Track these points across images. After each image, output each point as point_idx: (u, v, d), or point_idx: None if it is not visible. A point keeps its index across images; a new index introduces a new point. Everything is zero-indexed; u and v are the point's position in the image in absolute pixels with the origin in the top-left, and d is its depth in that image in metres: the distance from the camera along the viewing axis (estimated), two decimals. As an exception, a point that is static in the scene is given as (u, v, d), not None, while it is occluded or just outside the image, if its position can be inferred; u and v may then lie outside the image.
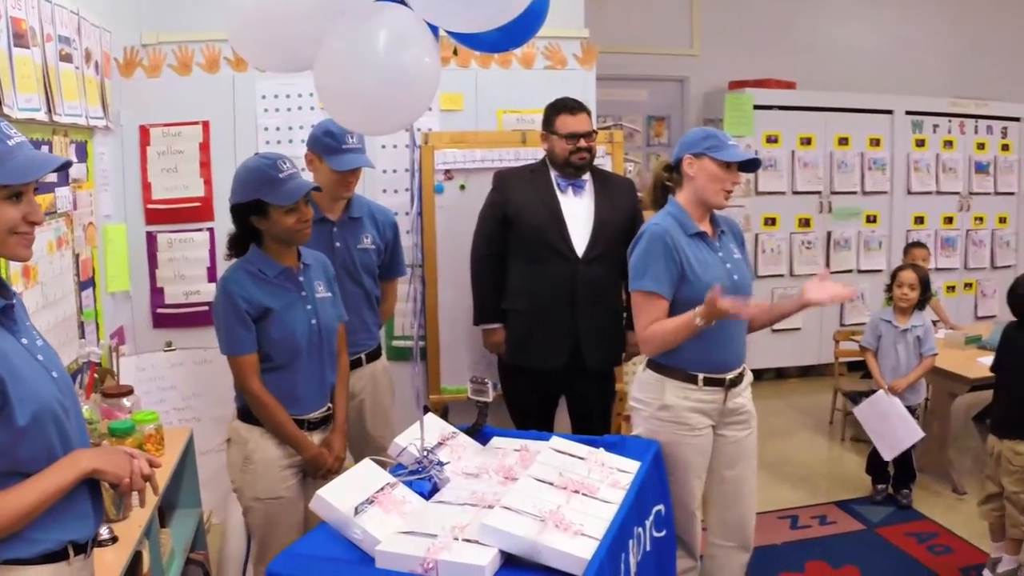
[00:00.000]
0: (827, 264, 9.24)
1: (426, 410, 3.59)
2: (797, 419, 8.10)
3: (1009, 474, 4.84)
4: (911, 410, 6.14)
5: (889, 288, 6.38)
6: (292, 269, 3.80)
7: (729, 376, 3.99)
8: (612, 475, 3.33)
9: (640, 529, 3.34)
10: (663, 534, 3.64)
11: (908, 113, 9.55)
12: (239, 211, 3.72)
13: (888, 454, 6.13)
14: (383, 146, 5.60)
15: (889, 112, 9.47)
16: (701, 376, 3.93)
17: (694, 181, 3.94)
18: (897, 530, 5.86)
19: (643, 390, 4.05)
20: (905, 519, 6.03)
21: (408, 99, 3.01)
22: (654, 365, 4.02)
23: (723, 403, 4.00)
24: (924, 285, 6.18)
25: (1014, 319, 5.08)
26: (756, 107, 8.73)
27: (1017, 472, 4.76)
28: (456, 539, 2.77)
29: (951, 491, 6.50)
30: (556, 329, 4.89)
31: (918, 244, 8.03)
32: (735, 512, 4.19)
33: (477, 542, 2.75)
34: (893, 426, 6.07)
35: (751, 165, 3.96)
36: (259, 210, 3.66)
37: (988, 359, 6.46)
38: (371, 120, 3.12)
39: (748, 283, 4.07)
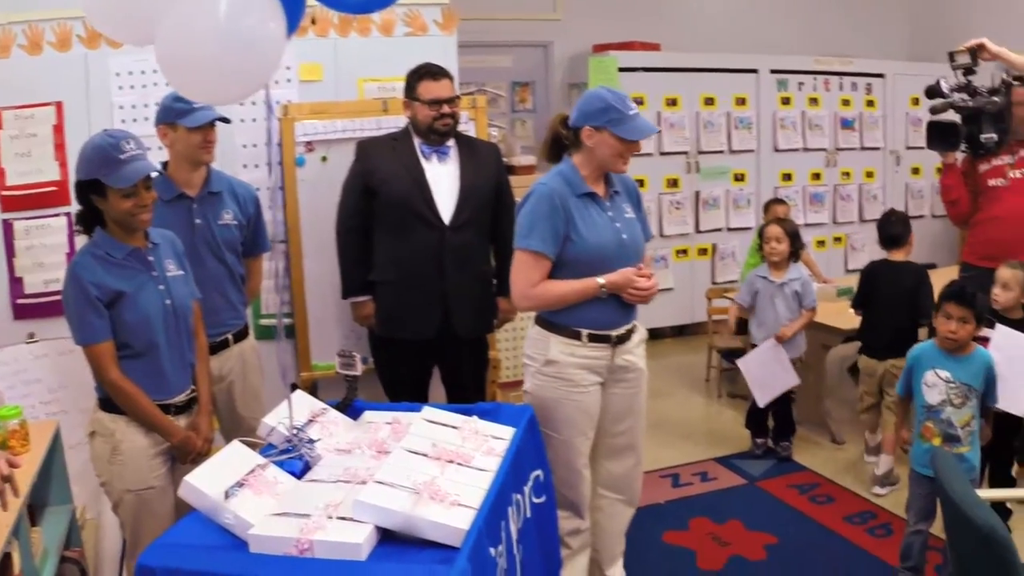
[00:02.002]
0: (696, 223, 9.30)
1: (293, 388, 3.51)
2: (674, 379, 8.14)
3: (893, 386, 5.07)
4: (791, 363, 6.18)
5: (760, 247, 6.40)
6: (140, 249, 3.65)
7: (615, 333, 3.98)
8: (487, 443, 3.27)
9: (519, 496, 3.29)
10: (543, 500, 3.60)
11: (773, 72, 9.65)
12: (80, 189, 3.57)
13: (764, 400, 6.18)
14: (242, 120, 5.44)
15: (754, 71, 9.55)
16: (586, 332, 3.92)
17: (592, 151, 3.90)
18: (778, 483, 5.92)
19: (531, 346, 4.06)
20: (786, 471, 6.10)
21: (252, 65, 2.90)
22: (541, 321, 4.02)
23: (611, 360, 3.99)
24: (793, 237, 6.21)
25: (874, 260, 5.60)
26: (621, 70, 8.69)
27: None
28: (330, 517, 2.69)
29: (830, 441, 6.60)
30: (425, 298, 4.81)
31: (778, 200, 8.13)
32: (622, 466, 4.22)
33: (352, 519, 2.68)
34: (773, 373, 6.10)
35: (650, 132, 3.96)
36: (98, 190, 3.51)
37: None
38: (215, 89, 2.99)
39: (638, 244, 4.05)
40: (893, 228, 6.09)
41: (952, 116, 5.53)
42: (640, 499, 4.38)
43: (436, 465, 2.99)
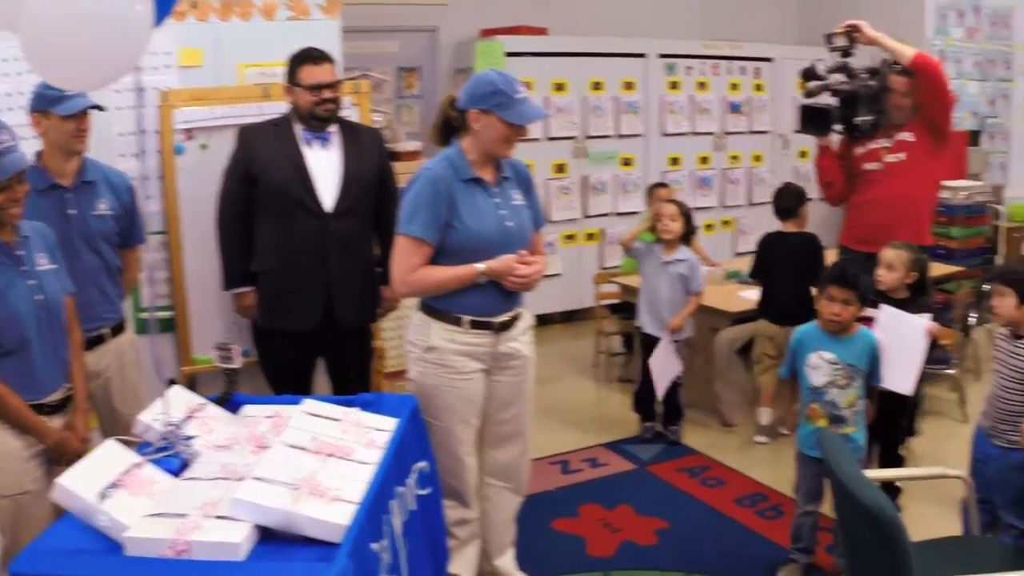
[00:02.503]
0: (584, 208, 9.29)
1: (171, 383, 3.41)
2: (563, 364, 8.12)
3: None
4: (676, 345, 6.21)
5: (653, 229, 6.39)
6: (8, 244, 3.51)
7: (498, 320, 3.95)
8: (368, 435, 3.21)
9: (402, 488, 3.25)
10: (428, 491, 3.55)
11: (661, 56, 9.66)
12: None
13: (663, 392, 6.21)
14: (119, 107, 5.27)
15: (642, 56, 9.55)
16: (467, 319, 3.90)
17: (479, 134, 3.84)
18: (669, 467, 5.94)
19: (413, 332, 4.03)
20: (676, 455, 6.13)
21: (117, 49, 2.81)
22: (423, 307, 3.99)
23: (494, 347, 3.96)
24: (687, 218, 6.23)
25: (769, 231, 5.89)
26: (508, 55, 8.61)
27: None
28: (208, 517, 2.62)
29: (719, 424, 6.63)
30: (307, 288, 4.73)
31: (661, 184, 8.16)
32: (508, 454, 4.20)
33: (230, 518, 2.60)
34: (666, 364, 6.12)
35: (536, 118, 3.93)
36: None
37: (748, 293, 6.63)
38: (79, 75, 2.90)
39: (525, 231, 4.01)
40: (786, 201, 6.36)
41: (829, 99, 5.57)
42: (529, 487, 4.36)
43: (316, 459, 2.93)
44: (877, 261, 5.10)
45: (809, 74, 5.62)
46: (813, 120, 5.63)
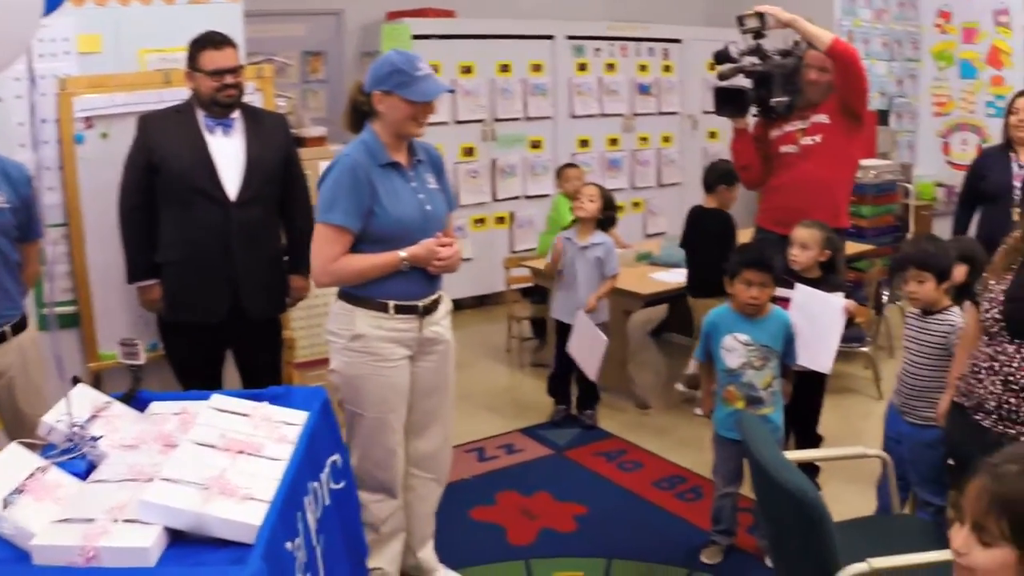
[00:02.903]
0: (493, 192, 9.22)
1: (75, 381, 3.30)
2: (476, 350, 8.05)
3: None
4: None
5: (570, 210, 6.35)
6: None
7: (422, 303, 3.90)
8: (279, 430, 3.12)
9: (316, 484, 3.17)
10: (342, 485, 3.47)
11: (569, 38, 9.62)
12: None
13: (594, 374, 6.16)
14: (18, 96, 5.12)
15: (550, 37, 9.50)
16: (392, 304, 3.83)
17: (385, 116, 3.78)
18: (585, 451, 5.92)
19: (335, 321, 3.94)
20: (592, 439, 6.11)
21: (4, 35, 2.70)
22: (344, 295, 3.91)
23: (419, 332, 3.91)
24: (608, 203, 6.20)
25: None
26: (415, 37, 8.51)
27: None
28: (116, 521, 2.52)
29: (635, 407, 6.62)
30: (213, 280, 4.61)
31: (571, 165, 8.12)
32: (431, 443, 4.14)
33: (139, 521, 2.51)
34: (590, 344, 6.08)
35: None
36: None
37: (660, 274, 6.64)
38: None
39: (441, 214, 3.97)
40: (709, 176, 6.49)
41: (742, 81, 5.57)
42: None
43: (225, 457, 2.84)
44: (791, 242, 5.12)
45: (722, 57, 5.61)
46: (728, 102, 5.62)
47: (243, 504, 2.58)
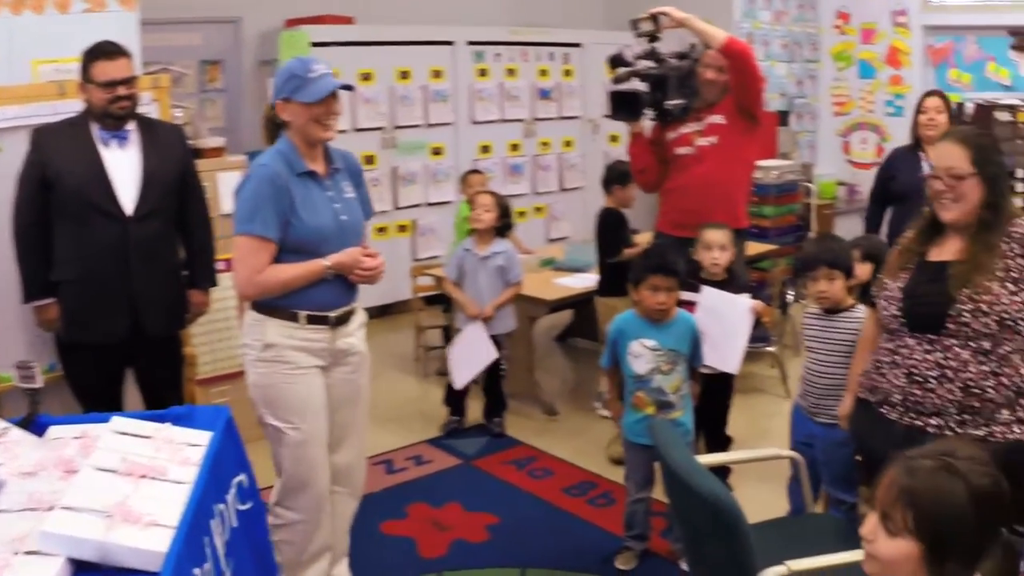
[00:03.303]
0: (394, 200, 9.12)
1: (-33, 406, 3.18)
2: (382, 360, 7.88)
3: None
4: (497, 338, 6.12)
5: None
6: None
7: (334, 314, 3.85)
8: (182, 452, 3.01)
9: (222, 506, 3.06)
10: (249, 506, 3.37)
11: (470, 43, 9.56)
12: None
13: (461, 382, 6.13)
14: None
15: (450, 43, 9.44)
16: (303, 314, 3.77)
17: (292, 124, 3.76)
18: (494, 460, 5.88)
19: (248, 332, 3.87)
20: (501, 448, 6.06)
21: None
22: (257, 305, 3.83)
23: (331, 343, 3.86)
24: (504, 211, 6.15)
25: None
26: (313, 45, 8.38)
27: None
28: (16, 553, 2.40)
29: (543, 413, 6.58)
30: (111, 297, 4.50)
31: (474, 171, 8.09)
32: (346, 457, 4.07)
33: (41, 553, 2.40)
34: (475, 353, 6.03)
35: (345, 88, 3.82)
36: None
37: (565, 280, 6.62)
38: None
39: (358, 224, 3.95)
40: (606, 174, 6.52)
41: (638, 85, 5.55)
42: (360, 489, 4.25)
43: (128, 482, 2.73)
44: (694, 245, 5.12)
45: (617, 61, 5.59)
46: (623, 106, 5.59)
47: (148, 531, 2.49)
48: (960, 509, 2.02)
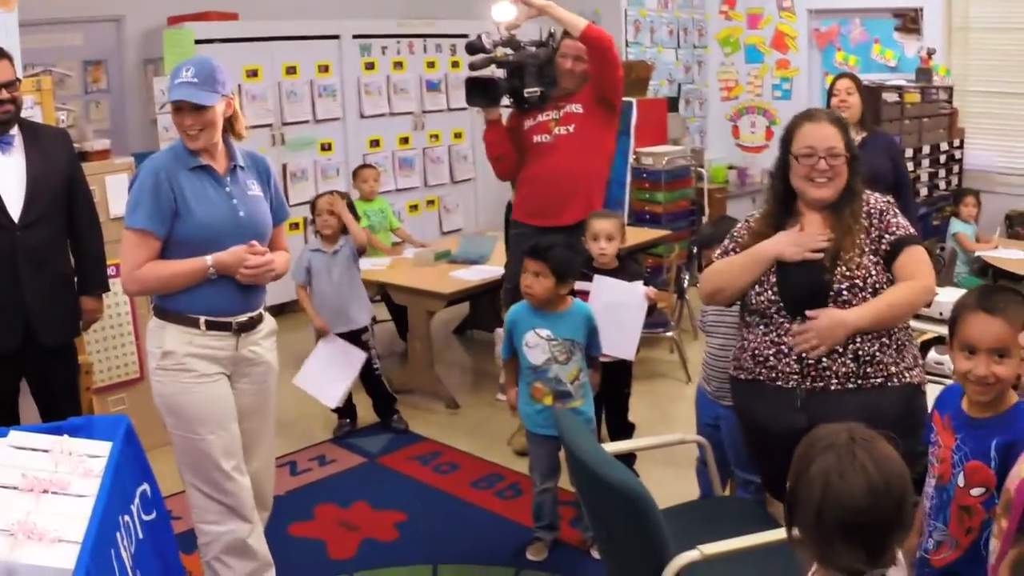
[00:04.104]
0: (287, 198, 8.94)
1: None
2: (280, 359, 7.73)
3: None
4: (358, 333, 6.09)
5: (313, 220, 6.18)
6: None
7: (236, 320, 3.74)
8: (83, 464, 2.92)
9: (127, 517, 3.00)
10: (153, 516, 3.29)
11: (356, 37, 9.45)
12: None
13: (336, 401, 5.98)
14: None
15: (336, 37, 9.33)
16: (203, 319, 3.67)
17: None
18: (399, 456, 5.84)
19: (149, 339, 3.77)
20: (405, 444, 6.02)
21: None
22: (157, 310, 3.75)
23: (235, 350, 3.76)
24: (352, 210, 6.09)
25: None
26: (198, 42, 8.21)
27: None
28: (-84, 577, 2.33)
29: (445, 407, 6.54)
30: (1, 307, 4.38)
31: (367, 166, 8.00)
32: (251, 466, 3.91)
33: (-61, 575, 2.32)
34: (338, 363, 5.96)
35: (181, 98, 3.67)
36: None
37: (461, 272, 6.60)
38: None
39: (260, 221, 3.83)
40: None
41: (496, 71, 5.55)
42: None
43: (29, 498, 2.65)
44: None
45: (473, 47, 5.56)
46: (480, 92, 5.56)
47: (53, 547, 2.42)
48: (806, 484, 2.09)
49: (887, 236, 3.49)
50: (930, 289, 3.48)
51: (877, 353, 3.42)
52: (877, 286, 3.42)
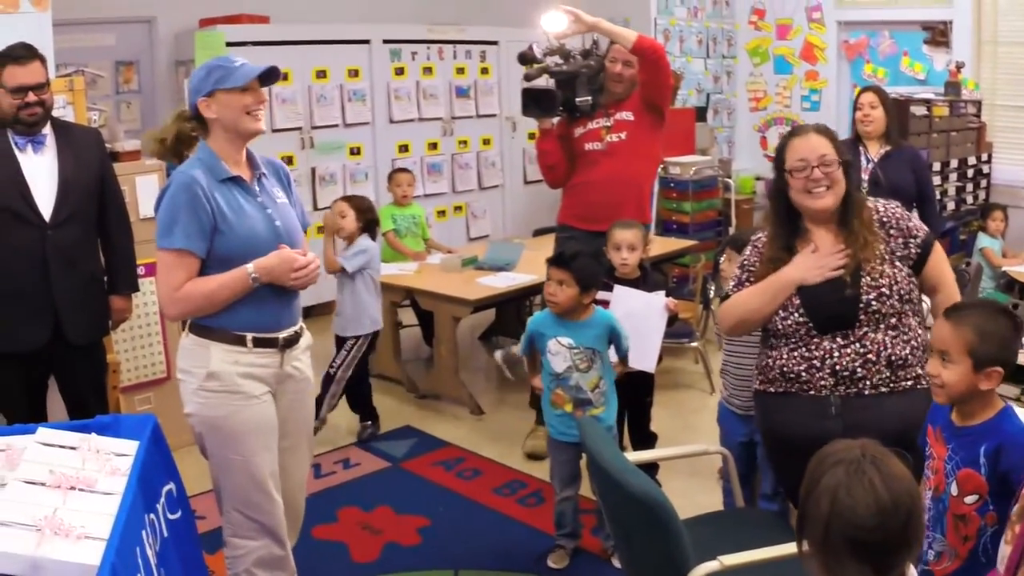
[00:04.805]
0: (314, 201, 9.00)
1: None
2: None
3: None
4: (343, 340, 6.09)
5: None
6: None
7: (282, 336, 3.60)
8: (110, 462, 2.94)
9: (153, 516, 3.02)
10: (178, 515, 3.31)
11: (386, 42, 9.48)
12: None
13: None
14: None
15: (366, 42, 9.35)
16: (250, 336, 3.49)
17: (220, 122, 3.50)
18: (423, 461, 5.84)
19: (187, 358, 3.55)
20: (429, 449, 6.02)
21: None
22: (197, 328, 3.53)
23: (279, 367, 3.61)
24: (359, 212, 6.07)
25: None
26: (229, 44, 8.25)
27: None
28: (-56, 571, 2.35)
29: (470, 413, 6.54)
30: (30, 305, 4.40)
31: (402, 170, 8.01)
32: (288, 486, 3.80)
33: (-31, 569, 2.35)
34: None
35: (270, 77, 3.58)
36: None
37: (487, 279, 6.60)
38: None
39: (294, 230, 3.66)
40: None
41: (549, 81, 5.59)
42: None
43: (57, 494, 2.67)
44: (605, 241, 5.13)
45: (525, 58, 5.61)
46: (536, 103, 5.63)
47: (79, 544, 2.44)
48: (815, 499, 2.08)
49: (913, 240, 3.54)
50: (954, 284, 3.65)
51: (909, 357, 3.45)
52: (902, 292, 3.45)
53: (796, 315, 3.52)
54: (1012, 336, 2.94)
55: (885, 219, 3.55)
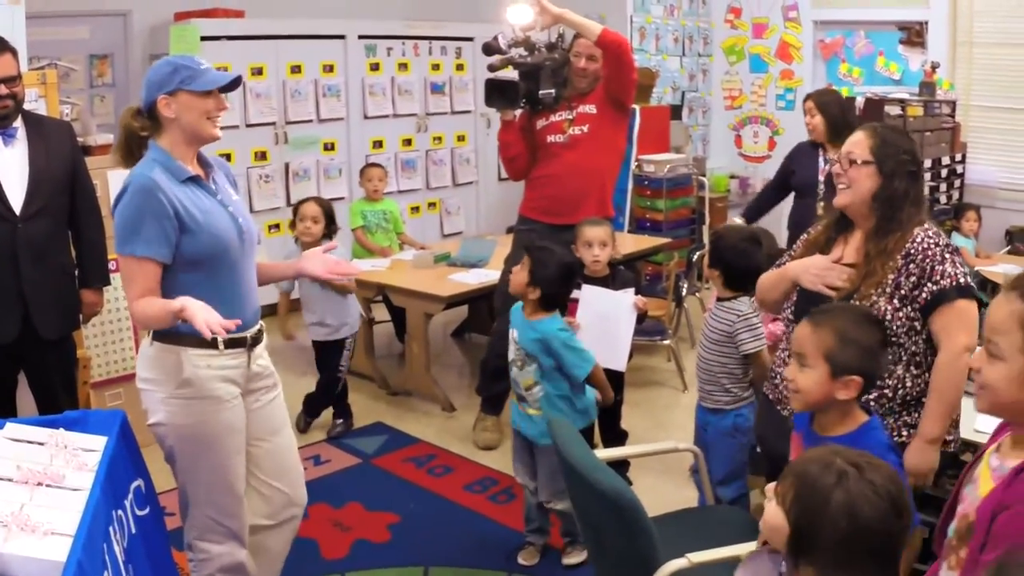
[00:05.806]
0: (287, 196, 8.96)
1: None
2: (272, 360, 7.77)
3: None
4: (341, 344, 6.13)
5: (292, 224, 6.15)
6: None
7: (250, 334, 3.56)
8: (78, 457, 2.94)
9: (120, 512, 3.02)
10: (147, 512, 3.30)
11: (361, 37, 9.45)
12: None
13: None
14: None
15: (342, 37, 9.33)
16: (220, 338, 3.32)
17: (178, 121, 3.38)
18: (394, 458, 5.84)
19: (153, 368, 3.43)
20: (400, 445, 6.03)
21: None
22: (162, 335, 3.39)
23: (247, 367, 3.57)
24: (328, 217, 6.01)
25: None
26: (204, 38, 8.24)
27: None
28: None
29: (441, 410, 6.54)
30: (1, 298, 4.38)
31: (374, 165, 7.96)
32: (287, 479, 3.83)
33: (-67, 566, 2.34)
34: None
35: (234, 85, 3.49)
36: None
37: (460, 275, 6.61)
38: None
39: (252, 227, 3.63)
40: None
41: (512, 73, 5.60)
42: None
43: (24, 490, 2.67)
44: (572, 237, 5.16)
45: (490, 49, 5.61)
46: (500, 93, 5.62)
47: (45, 540, 2.44)
48: (830, 520, 2.00)
49: (928, 285, 3.26)
50: (958, 350, 3.19)
51: (871, 403, 3.27)
52: (888, 331, 3.19)
53: (787, 312, 3.53)
54: (876, 346, 2.90)
55: (912, 251, 3.28)
